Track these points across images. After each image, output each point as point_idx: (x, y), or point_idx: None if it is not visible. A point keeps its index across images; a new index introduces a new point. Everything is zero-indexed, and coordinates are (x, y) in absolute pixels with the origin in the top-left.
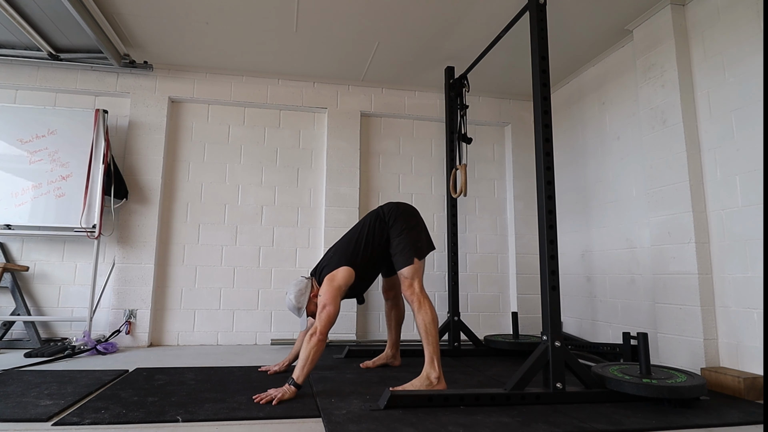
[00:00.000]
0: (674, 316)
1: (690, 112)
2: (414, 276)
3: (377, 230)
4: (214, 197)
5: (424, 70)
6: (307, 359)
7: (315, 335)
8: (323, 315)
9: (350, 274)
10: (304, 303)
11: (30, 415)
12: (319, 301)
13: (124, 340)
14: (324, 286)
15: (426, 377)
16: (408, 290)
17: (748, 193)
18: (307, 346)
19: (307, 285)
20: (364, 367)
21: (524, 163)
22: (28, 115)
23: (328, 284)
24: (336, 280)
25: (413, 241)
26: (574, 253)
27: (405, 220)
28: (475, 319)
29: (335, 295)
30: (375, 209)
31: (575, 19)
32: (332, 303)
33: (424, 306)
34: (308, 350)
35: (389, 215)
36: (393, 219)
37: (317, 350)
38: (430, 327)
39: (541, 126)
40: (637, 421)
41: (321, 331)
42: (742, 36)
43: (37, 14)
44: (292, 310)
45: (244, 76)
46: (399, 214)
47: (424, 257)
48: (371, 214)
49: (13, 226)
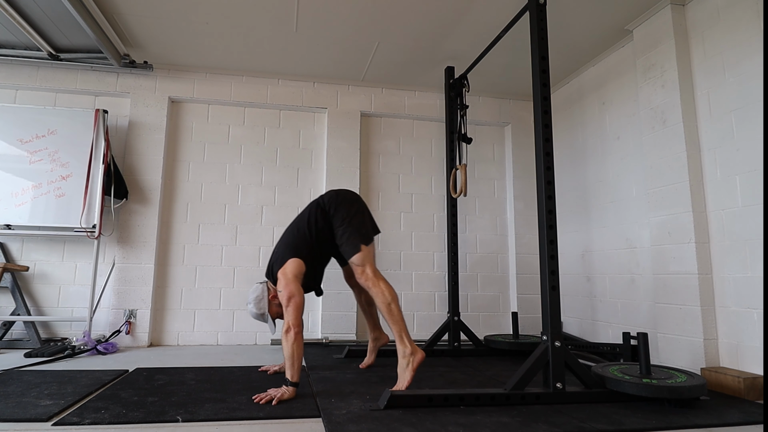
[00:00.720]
0: (674, 316)
1: (690, 112)
2: (364, 262)
3: (319, 220)
4: (214, 197)
5: (424, 70)
6: (292, 357)
7: (289, 331)
8: (290, 307)
9: (299, 263)
10: (265, 308)
11: (30, 415)
12: (281, 296)
13: (124, 340)
14: (280, 281)
15: (402, 357)
16: (362, 277)
17: (748, 193)
18: (286, 344)
19: (263, 289)
20: (363, 367)
21: (524, 163)
22: (28, 115)
23: (282, 278)
24: (287, 272)
25: (357, 228)
26: (574, 253)
27: (346, 208)
28: (475, 319)
29: (294, 285)
30: (316, 199)
31: (575, 19)
32: (296, 293)
33: (379, 287)
34: (290, 348)
35: (329, 204)
36: (334, 208)
37: (298, 344)
38: (391, 305)
39: (541, 126)
40: (637, 421)
41: (293, 323)
42: (742, 36)
43: (37, 14)
44: (257, 318)
45: (244, 76)
46: (339, 202)
47: (371, 242)
48: (312, 204)
49: (13, 226)
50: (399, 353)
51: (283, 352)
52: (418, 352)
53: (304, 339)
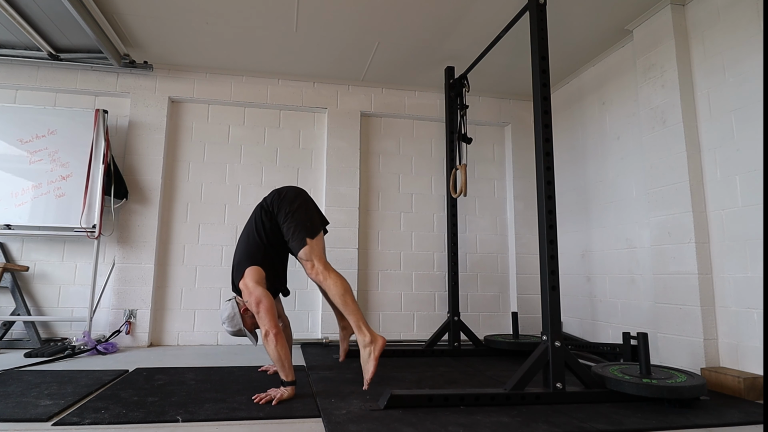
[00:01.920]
0: (674, 316)
1: (690, 112)
2: (311, 255)
3: (265, 222)
4: (214, 197)
5: (424, 70)
6: (279, 359)
7: (267, 335)
8: (261, 312)
9: (257, 270)
10: (240, 323)
11: (30, 415)
12: (250, 306)
13: (124, 340)
14: (244, 293)
15: (363, 347)
16: (311, 271)
17: (748, 193)
18: (268, 348)
19: (233, 305)
20: (342, 359)
21: (524, 163)
22: (28, 115)
23: (245, 289)
24: (248, 282)
25: (302, 222)
26: (574, 253)
27: (288, 204)
28: (475, 319)
29: (259, 290)
30: (260, 202)
31: (575, 19)
32: (262, 297)
33: (330, 279)
34: (274, 351)
35: (272, 204)
36: (277, 207)
37: (281, 345)
38: (345, 296)
39: (541, 126)
40: (637, 421)
41: (269, 327)
42: (742, 36)
43: (37, 14)
44: (235, 335)
45: (244, 76)
46: (281, 200)
47: (317, 235)
48: (257, 208)
49: (13, 226)
50: (359, 343)
51: (270, 357)
52: (378, 339)
53: (304, 339)
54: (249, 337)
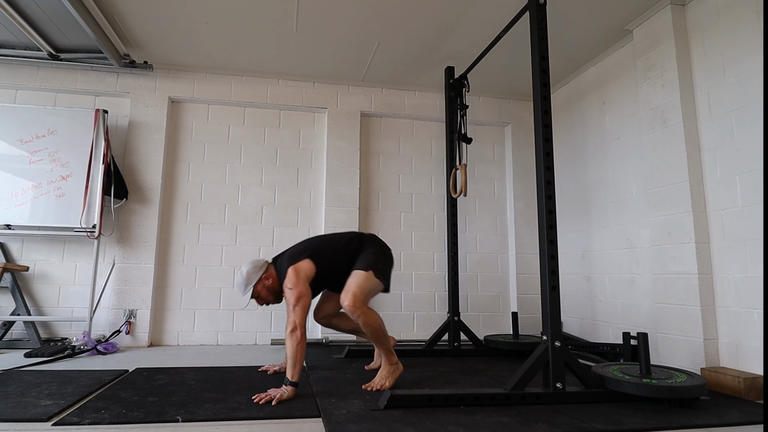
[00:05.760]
0: (674, 316)
1: (690, 112)
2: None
3: (352, 248)
4: (214, 197)
5: (424, 70)
6: (294, 357)
7: (295, 330)
8: (298, 307)
9: (313, 268)
10: (254, 280)
11: (30, 415)
12: (289, 294)
13: (124, 340)
14: (290, 278)
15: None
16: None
17: (748, 193)
18: (290, 343)
19: (263, 266)
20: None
21: (524, 163)
22: (28, 115)
23: (294, 276)
24: (300, 271)
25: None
26: (574, 253)
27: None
28: (475, 319)
29: (305, 286)
30: (359, 232)
31: (575, 19)
32: (305, 294)
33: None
34: (293, 348)
35: (369, 240)
36: (370, 244)
37: (302, 345)
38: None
39: (541, 126)
40: (637, 421)
41: (300, 323)
42: (742, 36)
43: (37, 14)
44: (239, 284)
45: (244, 76)
46: (378, 244)
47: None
48: (353, 233)
49: (13, 226)
50: (385, 360)
51: (287, 350)
52: (401, 367)
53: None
54: (245, 298)
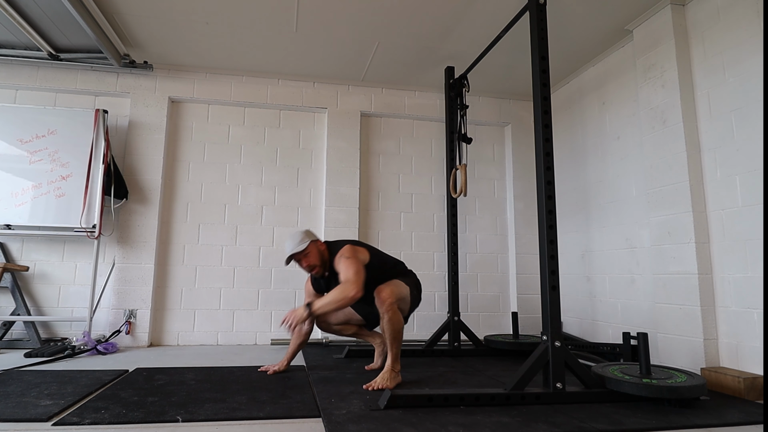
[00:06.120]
0: (674, 316)
1: (690, 112)
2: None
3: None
4: (214, 197)
5: (424, 70)
6: (333, 301)
7: (353, 285)
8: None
9: (368, 257)
10: (313, 237)
11: (30, 415)
12: (347, 262)
13: (124, 340)
14: (347, 249)
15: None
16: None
17: (748, 193)
18: (341, 290)
19: (317, 241)
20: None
21: (524, 163)
22: (28, 115)
23: (352, 250)
24: (359, 251)
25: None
26: (574, 253)
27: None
28: (475, 319)
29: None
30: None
31: (575, 19)
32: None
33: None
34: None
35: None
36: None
37: (346, 300)
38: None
39: (541, 126)
40: (637, 421)
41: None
42: (742, 36)
43: (37, 14)
44: (294, 237)
45: (244, 76)
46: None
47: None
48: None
49: (13, 226)
50: (389, 365)
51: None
52: (400, 377)
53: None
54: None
